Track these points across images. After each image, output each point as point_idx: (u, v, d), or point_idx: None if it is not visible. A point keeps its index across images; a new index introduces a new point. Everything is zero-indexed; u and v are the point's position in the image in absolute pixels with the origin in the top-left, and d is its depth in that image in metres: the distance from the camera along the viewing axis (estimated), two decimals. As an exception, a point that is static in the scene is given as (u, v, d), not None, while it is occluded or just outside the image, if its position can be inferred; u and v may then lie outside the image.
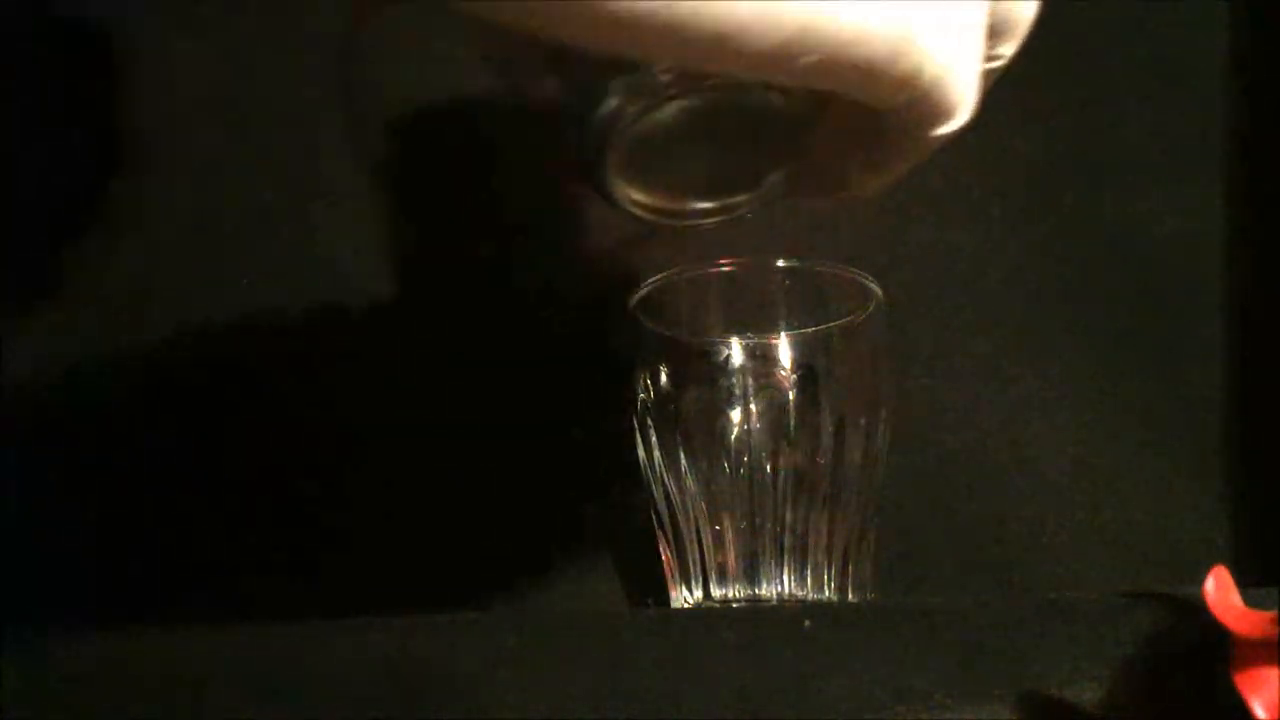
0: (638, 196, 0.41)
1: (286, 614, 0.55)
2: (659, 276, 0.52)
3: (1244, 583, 0.37)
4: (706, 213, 0.43)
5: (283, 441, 0.57)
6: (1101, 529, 0.58)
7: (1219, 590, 0.35)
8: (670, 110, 0.39)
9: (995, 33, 0.37)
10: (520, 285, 0.59)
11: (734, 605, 0.50)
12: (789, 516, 0.50)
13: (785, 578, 0.50)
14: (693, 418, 0.51)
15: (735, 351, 0.51)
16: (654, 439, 0.52)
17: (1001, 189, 0.60)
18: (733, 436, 0.50)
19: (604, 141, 0.39)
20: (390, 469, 0.57)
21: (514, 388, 0.58)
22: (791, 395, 0.50)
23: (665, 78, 0.38)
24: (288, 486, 0.57)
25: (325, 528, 0.57)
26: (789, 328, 0.51)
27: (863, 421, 0.51)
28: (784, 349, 0.50)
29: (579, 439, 0.58)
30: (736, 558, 0.51)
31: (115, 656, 0.40)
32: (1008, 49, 0.38)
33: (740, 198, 0.43)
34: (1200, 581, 0.35)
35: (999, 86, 0.40)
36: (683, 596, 0.52)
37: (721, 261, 0.52)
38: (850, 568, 0.51)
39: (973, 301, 0.60)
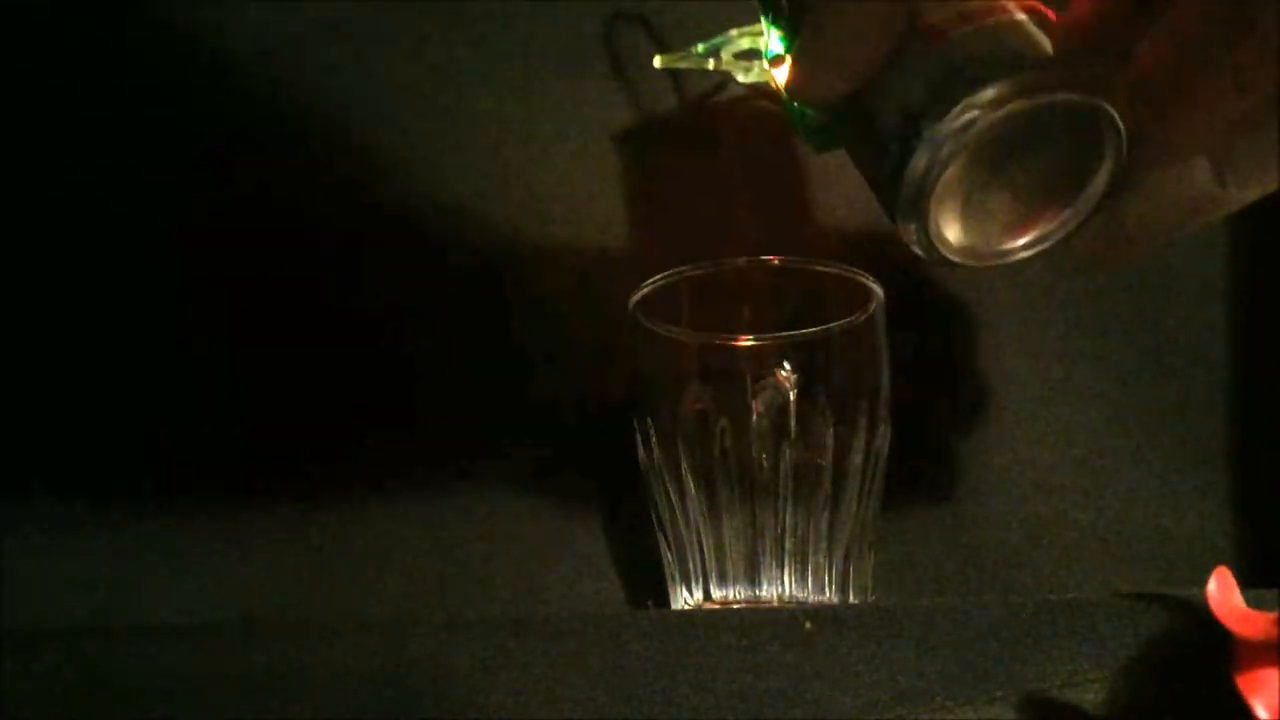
0: (953, 241, 0.40)
1: (284, 614, 0.55)
2: (659, 276, 0.52)
3: (1246, 584, 0.37)
4: (1022, 247, 0.41)
5: (276, 442, 0.57)
6: (1102, 529, 0.58)
7: (1221, 591, 0.35)
8: (981, 146, 0.38)
9: None
10: (520, 285, 0.59)
11: (734, 607, 0.50)
12: (789, 517, 0.50)
13: (786, 579, 0.50)
14: (693, 418, 0.51)
15: (735, 351, 0.51)
16: (654, 439, 0.52)
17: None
18: (733, 437, 0.50)
19: (921, 197, 0.38)
20: (388, 468, 0.57)
21: (513, 388, 0.58)
22: (791, 395, 0.50)
23: (971, 114, 0.37)
24: (284, 488, 0.57)
25: (323, 528, 0.57)
26: (789, 328, 0.51)
27: (863, 421, 0.51)
28: (784, 349, 0.50)
29: (579, 439, 0.58)
30: (737, 559, 0.51)
31: (113, 657, 0.40)
32: None
33: (1054, 224, 0.41)
34: (1202, 582, 0.35)
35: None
36: (683, 598, 0.52)
37: (722, 261, 0.52)
38: (851, 569, 0.51)
39: (973, 302, 0.60)
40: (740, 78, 0.54)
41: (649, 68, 0.56)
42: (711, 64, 0.49)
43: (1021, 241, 0.41)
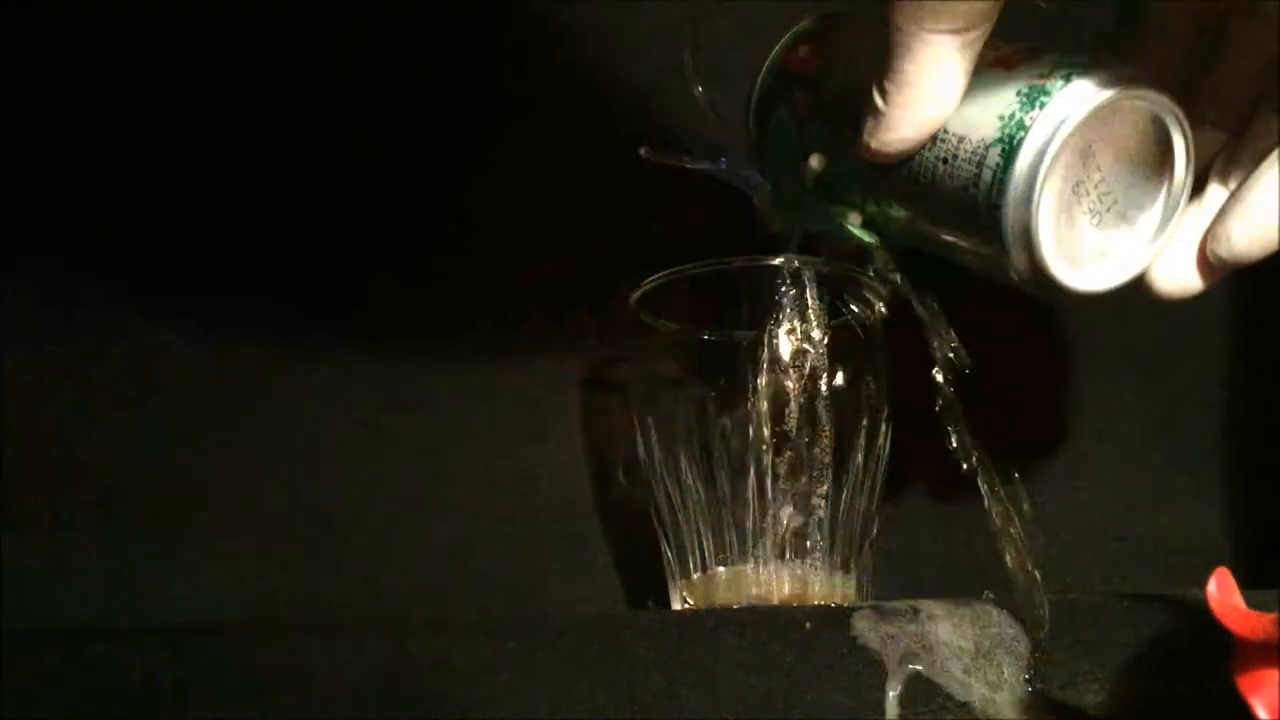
0: (1052, 261, 0.41)
1: (284, 614, 0.55)
2: (661, 274, 0.52)
3: (1246, 584, 0.37)
4: (1109, 274, 0.43)
5: (276, 442, 0.57)
6: (1101, 529, 0.58)
7: (1221, 592, 0.35)
8: (1071, 155, 0.40)
9: None
10: (522, 282, 0.59)
11: (734, 607, 0.50)
12: (790, 515, 0.50)
13: (786, 577, 0.50)
14: (693, 416, 0.51)
15: (736, 349, 0.51)
16: (654, 438, 0.52)
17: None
18: (734, 435, 0.50)
19: (1035, 180, 0.39)
20: (388, 469, 0.57)
21: (514, 385, 0.58)
22: (793, 394, 0.50)
23: (1071, 100, 0.39)
24: (284, 489, 0.57)
25: (323, 528, 0.57)
26: (791, 326, 0.51)
27: (864, 421, 0.51)
28: (785, 347, 0.50)
29: (579, 438, 0.58)
30: (737, 557, 0.51)
31: (113, 657, 0.40)
32: None
33: (1134, 248, 0.42)
34: (1201, 583, 0.35)
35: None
36: (683, 597, 0.52)
37: (723, 259, 0.52)
38: (851, 567, 0.51)
39: (972, 302, 0.59)
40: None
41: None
42: (689, 162, 0.50)
43: (1107, 269, 0.43)
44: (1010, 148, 0.39)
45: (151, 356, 0.57)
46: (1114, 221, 0.42)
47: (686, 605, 0.51)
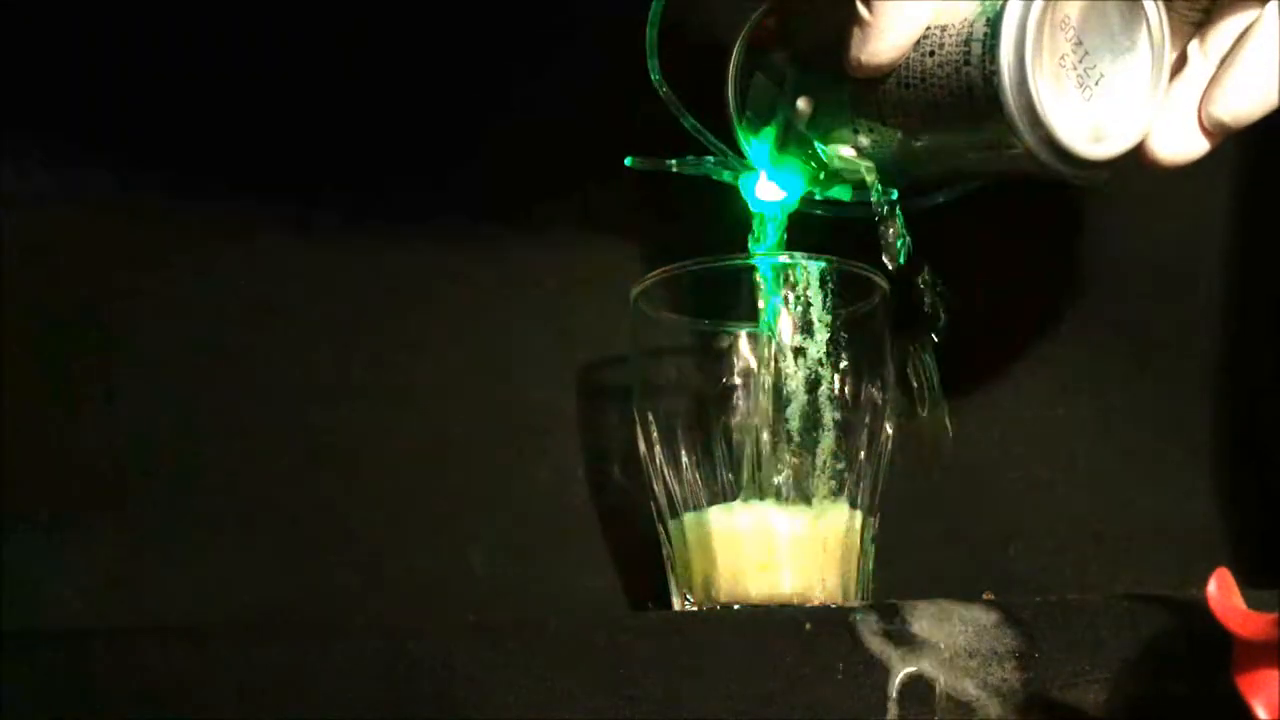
0: (1053, 124, 0.41)
1: (284, 614, 0.56)
2: (663, 269, 0.52)
3: (1246, 584, 0.37)
4: (1108, 144, 0.43)
5: (277, 442, 0.57)
6: (1101, 529, 0.58)
7: (1221, 592, 0.35)
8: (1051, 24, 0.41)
9: None
10: (521, 279, 0.59)
11: (734, 607, 0.50)
12: (791, 509, 0.50)
13: (787, 573, 0.50)
14: (694, 410, 0.51)
15: (738, 344, 0.51)
16: (654, 432, 0.52)
17: (1002, 188, 0.60)
18: (735, 430, 0.50)
19: (1024, 37, 0.40)
20: (389, 470, 0.57)
21: (512, 384, 0.58)
22: (795, 389, 0.50)
23: None
24: (285, 488, 0.57)
25: (323, 528, 0.57)
26: (793, 320, 0.51)
27: (867, 418, 0.51)
28: (788, 342, 0.50)
29: (579, 436, 0.58)
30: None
31: (113, 657, 0.40)
32: None
33: (1125, 113, 0.43)
34: (1201, 583, 0.35)
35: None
36: (684, 595, 0.52)
37: (724, 255, 0.52)
38: (852, 564, 0.51)
39: (972, 301, 0.59)
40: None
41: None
42: (675, 165, 0.51)
43: (1106, 140, 0.43)
44: (995, 14, 0.40)
45: (151, 356, 0.57)
46: (1103, 93, 0.42)
47: (688, 605, 0.51)
